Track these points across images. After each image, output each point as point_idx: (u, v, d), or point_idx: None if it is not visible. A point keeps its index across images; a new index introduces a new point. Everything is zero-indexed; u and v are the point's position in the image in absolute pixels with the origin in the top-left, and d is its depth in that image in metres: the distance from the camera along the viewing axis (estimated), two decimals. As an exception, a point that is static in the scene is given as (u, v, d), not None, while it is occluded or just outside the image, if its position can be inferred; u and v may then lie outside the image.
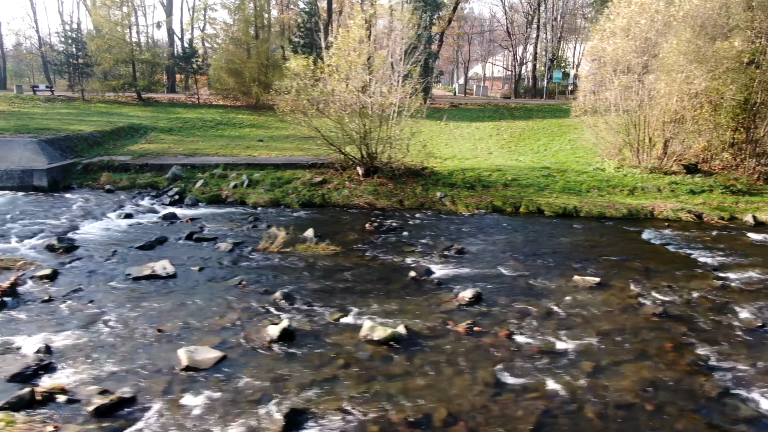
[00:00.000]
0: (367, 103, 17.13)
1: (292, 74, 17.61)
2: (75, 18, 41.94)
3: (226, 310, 9.27)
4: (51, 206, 15.88)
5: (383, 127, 17.45)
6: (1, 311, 8.99)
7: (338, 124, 18.12)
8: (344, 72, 16.82)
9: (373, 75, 16.82)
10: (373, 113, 17.43)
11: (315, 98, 17.38)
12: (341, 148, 18.25)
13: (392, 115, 17.99)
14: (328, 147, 18.69)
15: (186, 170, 18.89)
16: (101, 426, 6.10)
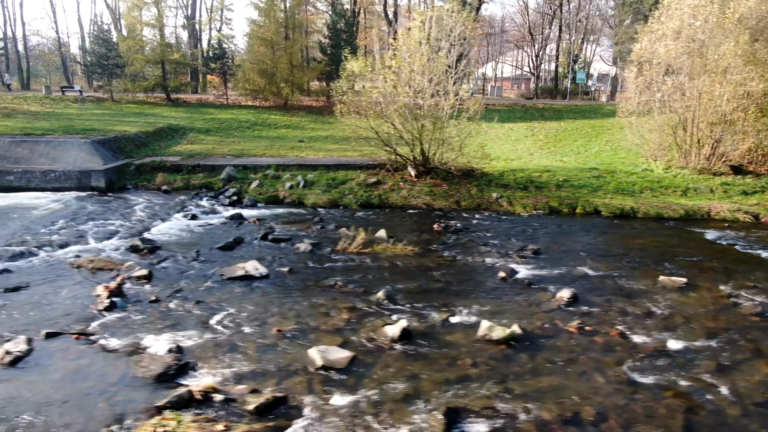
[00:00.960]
0: (424, 104, 17.21)
1: (348, 75, 17.70)
2: (106, 19, 41.67)
3: (334, 310, 9.38)
4: (115, 207, 15.99)
5: (440, 129, 17.54)
6: (112, 311, 9.12)
7: (392, 126, 18.22)
8: (406, 73, 16.91)
9: (433, 76, 16.91)
10: (428, 114, 17.52)
11: (373, 99, 17.45)
12: (396, 150, 18.34)
13: (445, 117, 18.08)
14: (380, 148, 18.84)
15: (238, 171, 18.99)
16: (266, 425, 6.21)
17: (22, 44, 43.55)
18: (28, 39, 44.51)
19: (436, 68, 16.49)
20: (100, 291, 9.62)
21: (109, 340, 8.09)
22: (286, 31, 32.11)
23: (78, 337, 8.11)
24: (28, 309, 9.18)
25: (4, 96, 34.79)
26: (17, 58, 44.21)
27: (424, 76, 16.63)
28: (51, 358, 7.58)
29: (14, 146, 19.14)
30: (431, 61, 16.51)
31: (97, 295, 9.60)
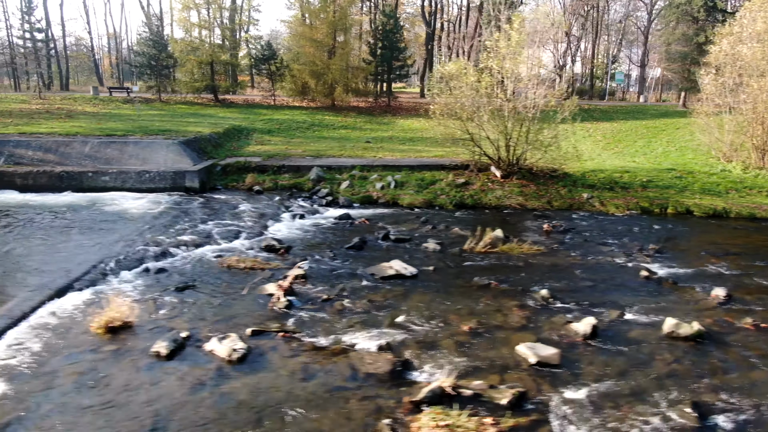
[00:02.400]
0: (519, 105, 17.41)
1: (439, 77, 17.90)
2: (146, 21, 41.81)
3: (504, 308, 9.60)
4: (219, 208, 16.18)
5: (537, 130, 17.74)
6: (292, 310, 9.33)
7: (480, 127, 18.43)
8: (508, 75, 17.12)
9: (531, 78, 17.12)
10: (524, 116, 17.72)
11: (467, 101, 17.66)
12: (486, 151, 18.55)
13: (530, 118, 18.24)
14: (468, 149, 19.02)
15: (324, 172, 19.19)
16: (526, 419, 6.42)
17: (62, 45, 43.73)
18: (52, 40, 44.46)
19: (536, 70, 16.67)
20: (273, 290, 9.84)
21: (314, 338, 8.30)
22: (335, 32, 32.30)
23: (284, 335, 8.32)
24: (208, 307, 9.40)
25: (51, 97, 34.98)
26: (48, 58, 44.26)
27: (522, 78, 16.82)
28: (269, 356, 7.80)
29: (103, 147, 19.35)
30: (530, 62, 16.70)
31: (270, 294, 9.82)
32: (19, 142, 19.44)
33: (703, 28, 31.49)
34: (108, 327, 8.28)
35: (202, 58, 31.85)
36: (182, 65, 32.37)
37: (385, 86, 35.41)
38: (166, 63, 32.87)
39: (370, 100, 34.61)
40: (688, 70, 32.47)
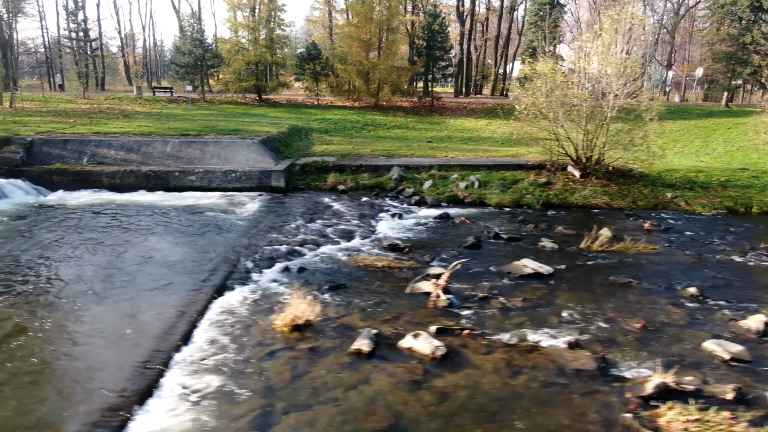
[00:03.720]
0: (607, 105, 17.52)
1: (523, 77, 18.01)
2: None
3: (658, 305, 9.73)
4: (315, 207, 16.31)
5: (628, 131, 17.86)
6: (453, 308, 9.46)
7: (560, 126, 18.54)
8: (597, 75, 17.25)
9: (621, 78, 17.22)
10: (605, 115, 17.83)
11: (552, 101, 17.78)
12: (568, 151, 18.67)
13: (607, 119, 18.35)
14: (546, 149, 19.15)
15: (403, 171, 19.30)
16: (758, 414, 6.55)
17: (97, 44, 43.82)
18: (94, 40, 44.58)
19: (630, 70, 16.79)
20: (430, 288, 9.96)
21: (496, 336, 8.43)
22: (380, 32, 32.39)
23: (468, 332, 8.45)
24: (371, 306, 9.52)
25: (95, 97, 35.11)
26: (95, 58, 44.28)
27: (614, 78, 16.93)
28: (465, 353, 7.92)
29: (184, 147, 19.47)
30: (625, 63, 16.81)
31: (426, 292, 9.95)
32: (100, 141, 19.55)
33: (748, 28, 31.60)
34: (294, 325, 8.41)
35: (249, 58, 31.93)
36: (229, 65, 32.44)
37: (429, 86, 35.50)
38: (211, 63, 32.96)
39: (414, 100, 34.73)
40: (732, 70, 32.59)
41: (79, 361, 7.40)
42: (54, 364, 7.33)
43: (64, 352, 7.63)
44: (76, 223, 14.14)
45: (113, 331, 8.27)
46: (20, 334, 8.06)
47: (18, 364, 7.27)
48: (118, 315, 8.79)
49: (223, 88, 33.27)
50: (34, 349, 7.66)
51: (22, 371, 7.11)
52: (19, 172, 17.95)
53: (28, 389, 6.74)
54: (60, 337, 8.08)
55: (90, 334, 8.18)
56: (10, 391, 6.68)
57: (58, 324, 8.45)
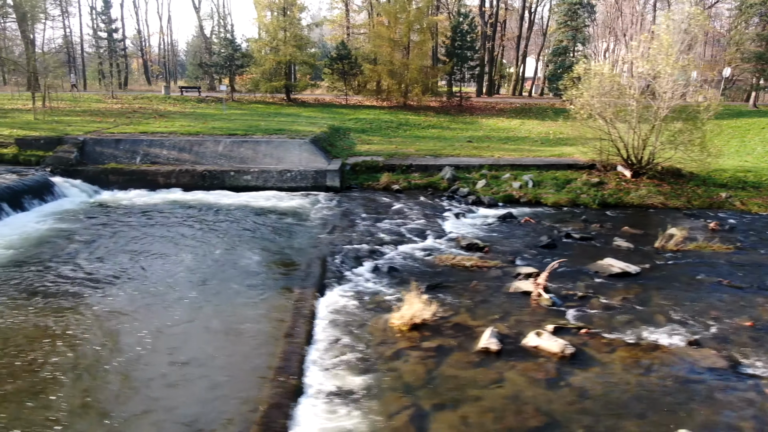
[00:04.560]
0: (663, 105, 17.58)
1: (577, 77, 18.08)
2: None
3: (759, 305, 9.80)
4: (377, 207, 16.38)
5: (688, 131, 17.92)
6: (556, 306, 9.53)
7: (612, 126, 18.61)
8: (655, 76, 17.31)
9: (678, 78, 17.29)
10: (659, 115, 17.89)
11: (607, 102, 17.84)
12: (621, 151, 18.73)
13: (657, 118, 18.39)
14: (592, 148, 19.22)
15: (454, 171, 19.35)
16: None
17: (125, 44, 43.83)
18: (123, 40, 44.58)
19: (689, 69, 16.85)
20: (529, 287, 10.03)
21: (613, 334, 8.49)
22: (410, 32, 32.43)
23: (586, 331, 8.51)
24: (475, 305, 9.59)
25: (123, 96, 35.11)
26: (125, 57, 44.17)
27: (670, 77, 16.99)
28: (588, 351, 7.98)
29: (236, 146, 19.51)
30: (682, 63, 16.88)
31: (524, 291, 10.01)
32: (152, 141, 19.60)
33: (779, 28, 31.67)
34: (412, 324, 8.47)
35: (280, 58, 31.96)
36: (261, 64, 32.47)
37: (453, 86, 35.51)
38: (240, 63, 32.99)
39: (443, 100, 34.79)
40: (761, 70, 32.66)
41: (215, 363, 7.47)
42: (194, 365, 7.40)
43: (200, 354, 7.70)
44: (146, 222, 14.20)
45: (234, 332, 8.34)
46: (151, 336, 8.14)
47: (159, 368, 7.35)
48: (232, 316, 8.85)
49: (252, 87, 33.30)
50: (171, 352, 7.75)
51: (162, 372, 7.19)
52: (74, 172, 18.00)
53: (171, 391, 6.82)
54: (187, 339, 8.15)
55: (212, 336, 8.25)
56: (161, 390, 6.77)
57: (178, 326, 8.52)
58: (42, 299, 9.27)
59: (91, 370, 7.18)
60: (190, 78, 57.70)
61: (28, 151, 19.04)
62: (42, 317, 8.61)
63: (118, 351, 7.68)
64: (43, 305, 9.04)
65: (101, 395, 6.66)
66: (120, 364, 7.31)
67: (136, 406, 6.46)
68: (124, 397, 6.62)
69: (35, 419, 6.15)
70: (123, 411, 6.34)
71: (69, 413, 6.29)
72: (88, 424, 6.15)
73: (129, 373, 7.11)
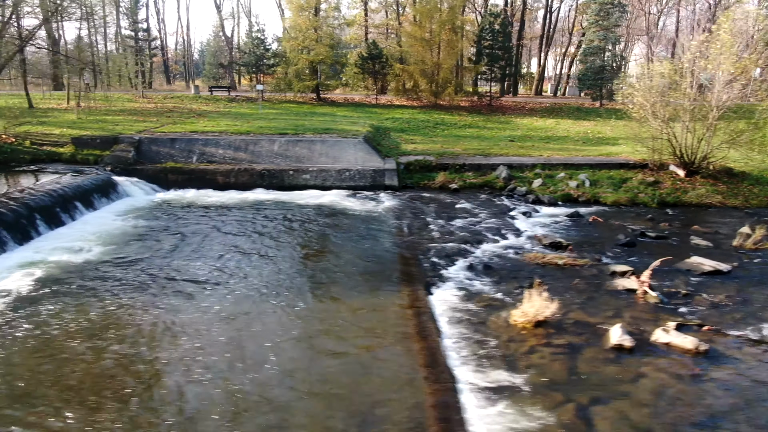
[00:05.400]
0: (720, 105, 17.67)
1: (633, 77, 18.15)
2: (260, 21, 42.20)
3: None
4: (442, 206, 16.45)
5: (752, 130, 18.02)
6: (663, 303, 9.61)
7: (666, 125, 18.71)
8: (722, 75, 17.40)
9: (739, 77, 17.38)
10: (716, 115, 17.99)
11: (665, 101, 17.94)
12: (675, 150, 18.83)
13: (716, 116, 18.47)
14: (645, 147, 19.34)
15: (508, 170, 19.44)
16: None
17: (155, 44, 43.89)
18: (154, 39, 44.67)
19: (750, 68, 16.95)
20: (633, 285, 10.11)
21: (734, 332, 8.57)
22: (441, 32, 32.48)
23: (709, 328, 8.59)
24: (582, 302, 9.65)
25: (153, 96, 35.17)
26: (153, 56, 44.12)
27: (728, 77, 17.09)
28: (717, 347, 8.06)
29: (291, 145, 19.59)
30: (742, 62, 16.98)
31: (627, 289, 10.10)
32: (207, 140, 19.68)
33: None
34: (536, 322, 8.55)
35: (313, 57, 32.04)
36: (293, 64, 32.54)
37: (482, 85, 35.62)
38: (271, 62, 33.06)
39: (472, 99, 34.88)
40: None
41: (361, 360, 7.55)
42: (339, 363, 7.48)
43: (340, 351, 7.79)
44: (220, 221, 14.27)
45: (364, 330, 8.43)
46: (275, 336, 8.23)
47: (303, 367, 7.44)
48: (353, 315, 8.95)
49: (285, 87, 33.37)
50: (307, 350, 7.84)
51: (310, 371, 7.29)
52: (133, 171, 18.08)
53: (328, 388, 6.91)
54: (315, 338, 8.23)
55: (344, 334, 8.34)
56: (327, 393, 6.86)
57: (300, 325, 8.61)
58: (157, 296, 9.36)
59: (238, 367, 7.25)
60: (206, 77, 57.82)
61: (85, 150, 19.11)
62: (164, 314, 8.69)
63: (247, 351, 7.76)
64: (160, 302, 9.13)
65: (262, 393, 6.74)
66: (256, 365, 7.39)
67: (302, 404, 6.54)
68: (274, 398, 6.70)
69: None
70: (284, 411, 6.42)
71: (230, 409, 6.37)
72: (265, 419, 6.23)
73: (273, 374, 7.19)
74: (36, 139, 19.74)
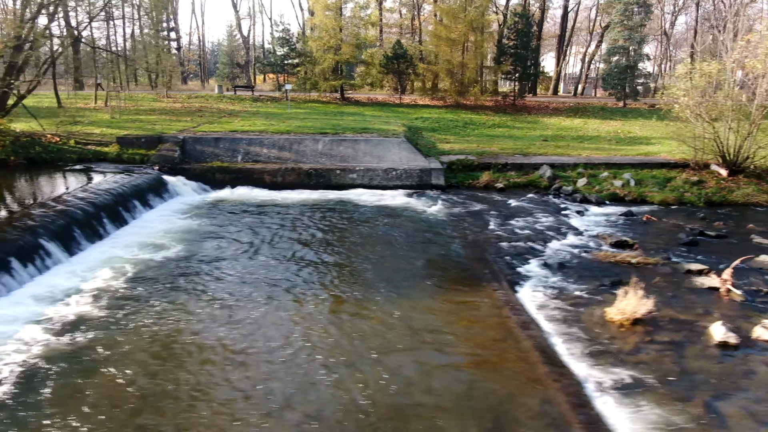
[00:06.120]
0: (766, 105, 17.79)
1: (677, 76, 18.25)
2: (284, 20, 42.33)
3: None
4: (493, 205, 16.54)
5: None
6: (748, 302, 9.70)
7: (709, 125, 18.81)
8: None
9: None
10: (759, 116, 18.11)
11: (713, 101, 18.04)
12: (719, 150, 18.93)
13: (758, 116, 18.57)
14: (687, 147, 19.44)
15: (551, 169, 19.51)
16: None
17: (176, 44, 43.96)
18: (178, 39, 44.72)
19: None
20: (715, 283, 10.21)
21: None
22: (467, 32, 32.56)
23: (804, 326, 8.67)
24: (668, 300, 9.72)
25: (176, 95, 35.21)
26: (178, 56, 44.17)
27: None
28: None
29: (335, 145, 19.66)
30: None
31: (711, 287, 10.19)
32: (251, 140, 19.74)
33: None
34: (633, 319, 8.63)
35: (340, 57, 32.12)
36: (319, 63, 32.62)
37: (515, 85, 35.69)
38: (296, 62, 33.15)
39: (496, 99, 34.97)
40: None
41: (477, 358, 7.63)
42: (455, 361, 7.57)
43: (450, 349, 7.88)
44: (279, 221, 14.34)
45: (464, 327, 8.51)
46: (381, 335, 8.32)
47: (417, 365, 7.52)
48: (449, 313, 9.03)
49: (310, 86, 33.44)
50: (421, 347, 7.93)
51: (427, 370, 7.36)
52: (181, 170, 18.11)
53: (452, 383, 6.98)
54: (421, 335, 8.32)
55: (447, 330, 8.42)
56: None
57: (408, 324, 8.69)
58: (254, 295, 9.44)
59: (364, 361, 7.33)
60: (220, 77, 57.83)
61: (130, 150, 19.17)
62: (269, 313, 8.78)
63: (359, 351, 7.84)
64: (258, 301, 9.21)
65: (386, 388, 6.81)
66: (373, 365, 7.47)
67: (430, 402, 6.62)
68: (400, 399, 6.78)
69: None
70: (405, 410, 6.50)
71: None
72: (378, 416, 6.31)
73: (395, 374, 7.27)
74: (80, 139, 19.79)
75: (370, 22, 34.57)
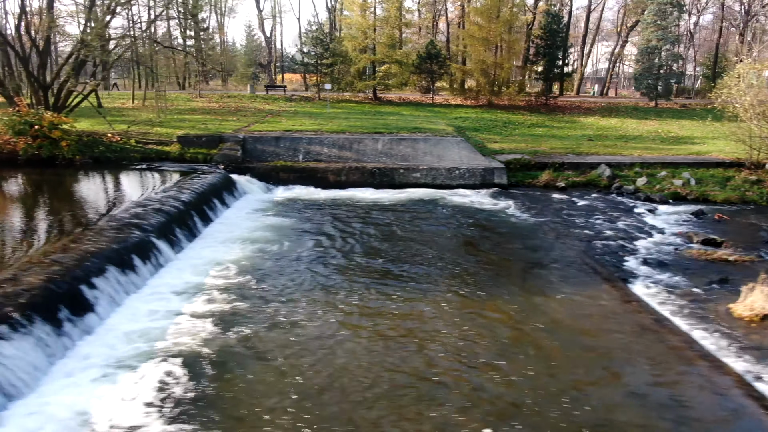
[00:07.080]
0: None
1: (738, 77, 18.40)
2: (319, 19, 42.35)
3: None
4: (561, 205, 16.66)
5: None
6: None
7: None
8: None
9: None
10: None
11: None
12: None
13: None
14: (741, 145, 19.65)
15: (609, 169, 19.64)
16: None
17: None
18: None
19: None
20: (823, 280, 10.32)
21: None
22: (501, 32, 32.69)
23: None
24: None
25: (209, 95, 35.28)
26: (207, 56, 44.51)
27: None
28: None
29: (395, 144, 19.78)
30: None
31: (819, 284, 10.30)
32: (311, 139, 19.85)
33: None
34: (763, 315, 8.75)
35: (376, 57, 32.23)
36: (354, 63, 32.74)
37: (543, 85, 35.83)
38: (331, 62, 33.25)
39: (529, 99, 35.09)
40: None
41: (634, 357, 7.75)
42: (613, 358, 7.68)
43: (610, 348, 7.99)
44: (363, 219, 14.45)
45: (598, 325, 8.63)
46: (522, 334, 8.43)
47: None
48: (578, 309, 9.15)
49: (345, 86, 33.57)
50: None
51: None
52: (244, 169, 18.22)
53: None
54: (565, 337, 8.43)
55: (593, 330, 8.54)
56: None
57: (542, 323, 8.81)
58: (385, 292, 9.56)
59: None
60: (238, 76, 57.94)
61: (192, 149, 19.28)
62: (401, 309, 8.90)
63: (484, 350, 7.95)
64: (382, 298, 9.33)
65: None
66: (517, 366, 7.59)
67: (595, 399, 6.74)
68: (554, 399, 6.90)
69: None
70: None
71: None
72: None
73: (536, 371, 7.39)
74: (139, 138, 19.89)
75: (405, 23, 34.67)
